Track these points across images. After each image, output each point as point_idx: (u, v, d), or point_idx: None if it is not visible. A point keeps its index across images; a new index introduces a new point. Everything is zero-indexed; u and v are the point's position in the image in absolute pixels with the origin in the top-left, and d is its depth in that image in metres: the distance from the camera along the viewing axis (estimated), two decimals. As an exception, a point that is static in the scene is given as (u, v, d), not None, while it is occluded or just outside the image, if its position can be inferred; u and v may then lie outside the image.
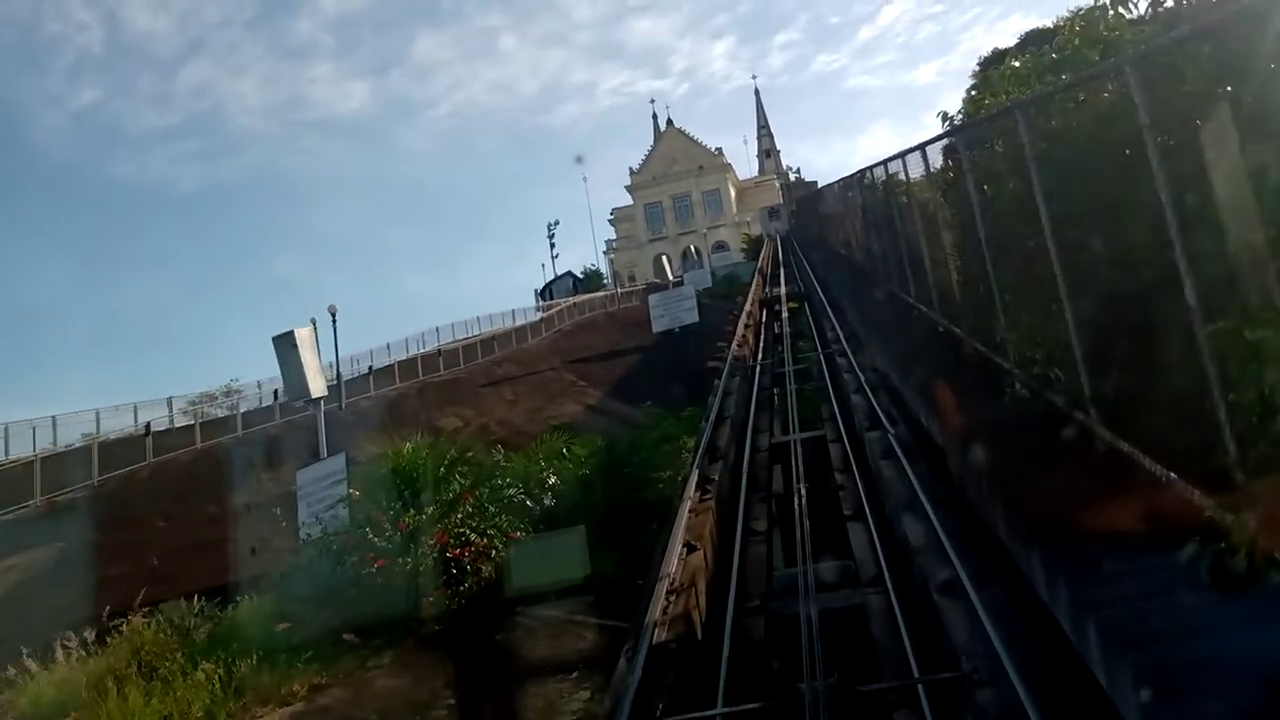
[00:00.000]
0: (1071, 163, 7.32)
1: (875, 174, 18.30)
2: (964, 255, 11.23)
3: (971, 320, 11.58)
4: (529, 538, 15.75)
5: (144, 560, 24.81)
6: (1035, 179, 7.67)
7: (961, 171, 10.41)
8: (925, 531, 8.13)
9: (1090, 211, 7.08)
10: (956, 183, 11.02)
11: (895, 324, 16.49)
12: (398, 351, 53.86)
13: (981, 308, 10.76)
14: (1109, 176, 6.69)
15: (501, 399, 41.96)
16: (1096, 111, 6.99)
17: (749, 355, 22.13)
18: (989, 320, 10.37)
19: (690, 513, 9.94)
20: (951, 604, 6.98)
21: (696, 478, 11.09)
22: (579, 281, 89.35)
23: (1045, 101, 7.91)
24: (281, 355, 20.75)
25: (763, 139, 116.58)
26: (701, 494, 10.73)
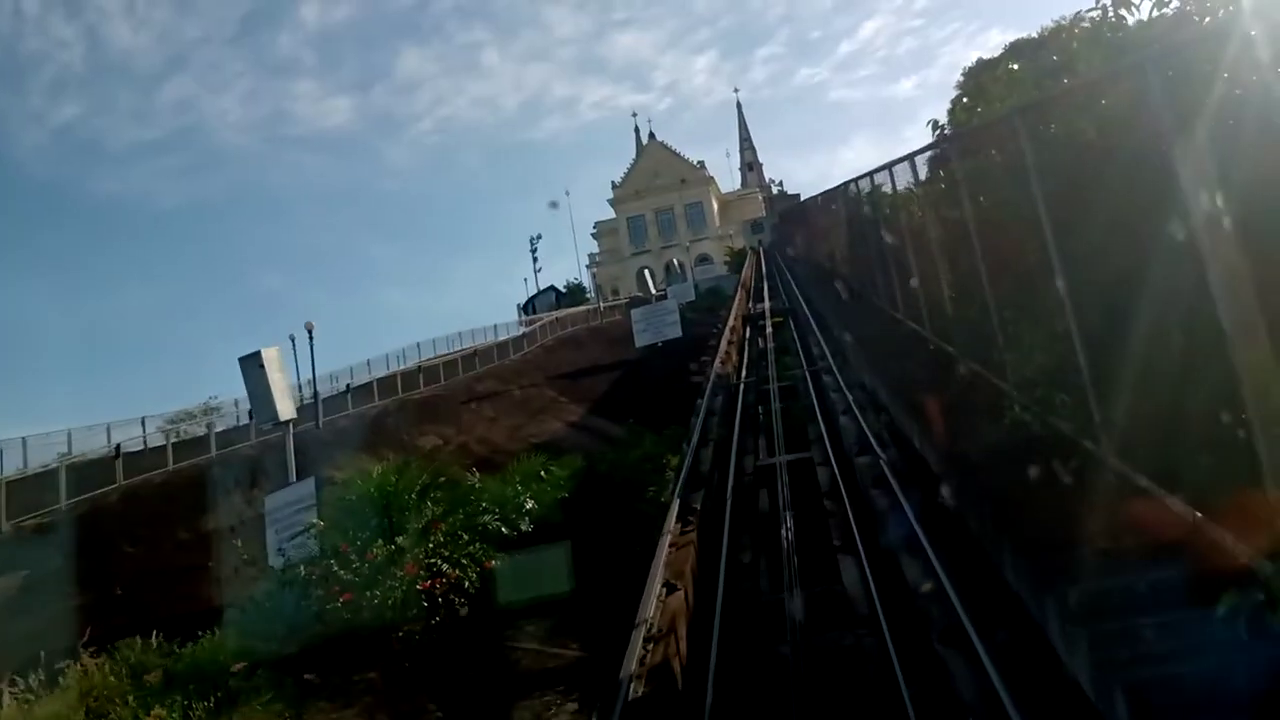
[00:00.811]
0: (1077, 171, 6.75)
1: (861, 186, 17.79)
2: (957, 270, 10.67)
3: (965, 338, 11.02)
4: (513, 555, 15.28)
5: (109, 589, 24.00)
6: (1036, 189, 7.09)
7: (954, 182, 9.85)
8: (923, 568, 7.51)
9: (1099, 223, 6.50)
10: (948, 194, 10.46)
11: (883, 340, 15.94)
12: (378, 368, 53.13)
13: (976, 326, 10.20)
14: (1120, 185, 6.12)
15: (482, 416, 41.24)
16: (1105, 115, 6.42)
17: (733, 372, 21.52)
18: (985, 339, 9.80)
19: (671, 546, 9.29)
20: (956, 654, 6.36)
21: (677, 508, 10.45)
22: (562, 296, 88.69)
23: (1048, 106, 7.34)
24: (248, 376, 19.98)
25: (745, 152, 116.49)
26: (683, 525, 10.08)
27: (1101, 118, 6.46)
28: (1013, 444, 8.02)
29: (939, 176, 10.90)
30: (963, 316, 10.82)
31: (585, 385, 42.96)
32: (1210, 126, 4.83)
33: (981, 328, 9.92)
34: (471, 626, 13.95)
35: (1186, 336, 5.33)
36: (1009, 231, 8.13)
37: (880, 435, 11.93)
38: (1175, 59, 5.47)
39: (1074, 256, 6.94)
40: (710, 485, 12.13)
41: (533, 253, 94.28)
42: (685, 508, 10.62)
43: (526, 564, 16.57)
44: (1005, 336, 9.00)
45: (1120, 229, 6.09)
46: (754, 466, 14.22)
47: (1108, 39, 7.74)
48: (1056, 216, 6.98)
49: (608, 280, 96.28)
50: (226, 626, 16.28)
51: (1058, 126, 7.28)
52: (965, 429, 9.19)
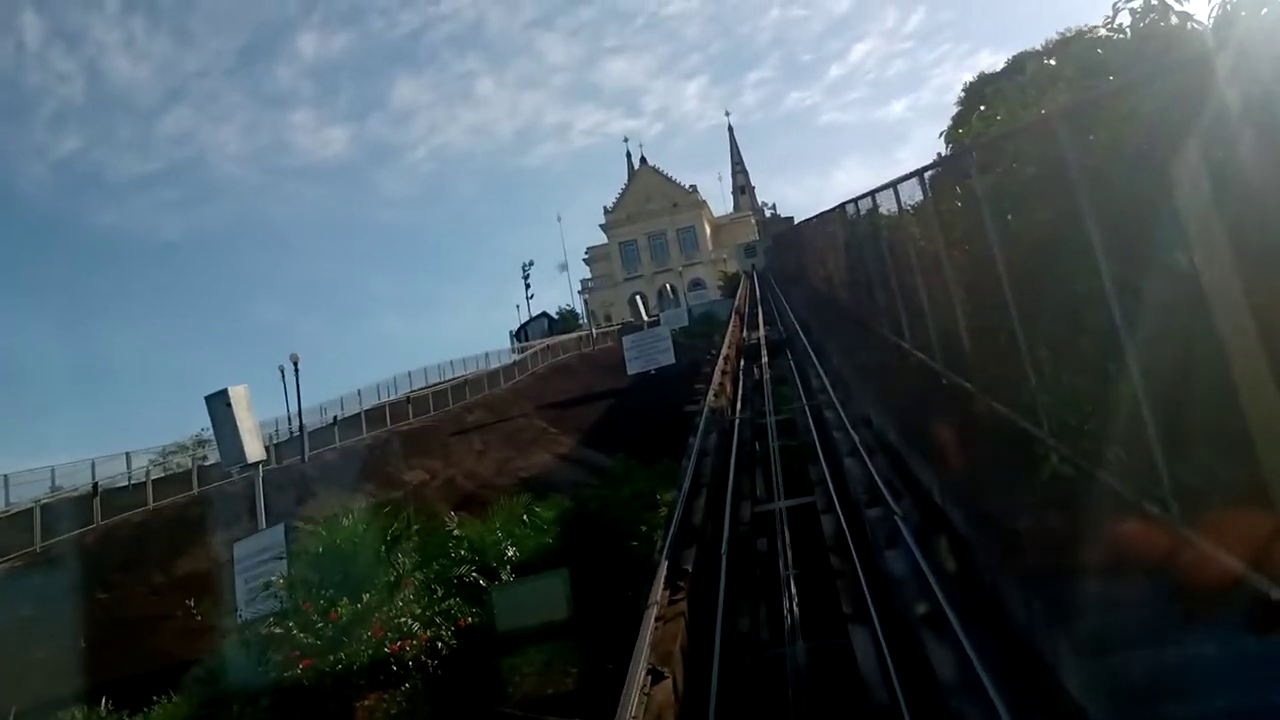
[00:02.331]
0: (1136, 183, 5.61)
1: (861, 205, 16.69)
2: (976, 297, 9.52)
3: (987, 374, 9.86)
4: (510, 583, 14.69)
5: (74, 642, 22.65)
6: (1085, 204, 5.94)
7: (973, 199, 8.71)
8: (956, 660, 6.30)
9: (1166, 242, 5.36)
10: (966, 212, 9.33)
11: (889, 372, 14.77)
12: (369, 398, 51.99)
13: (1001, 360, 9.04)
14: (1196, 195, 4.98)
15: (470, 449, 40.06)
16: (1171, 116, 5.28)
17: (727, 406, 20.31)
18: (1011, 376, 8.64)
19: (658, 620, 8.07)
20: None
21: (665, 571, 9.21)
22: (554, 322, 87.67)
23: (1097, 107, 6.20)
24: (215, 416, 18.84)
25: (737, 175, 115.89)
26: (672, 591, 8.85)
27: (1166, 119, 5.32)
28: (1059, 505, 6.83)
29: (954, 193, 9.77)
30: (984, 350, 9.66)
31: (576, 415, 41.77)
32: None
33: (1008, 364, 8.76)
34: (447, 689, 12.75)
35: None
36: (1045, 254, 6.99)
37: (891, 482, 10.72)
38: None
39: (1130, 285, 5.80)
40: (703, 539, 10.90)
41: (525, 279, 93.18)
42: (675, 569, 9.38)
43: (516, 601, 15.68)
44: (1039, 375, 7.83)
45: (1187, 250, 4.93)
46: (751, 513, 13.00)
47: (1160, 30, 6.63)
48: (1112, 237, 5.83)
49: (601, 305, 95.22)
50: (183, 691, 15.06)
51: (1103, 133, 6.15)
52: (995, 481, 8.01)
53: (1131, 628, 5.01)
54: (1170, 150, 5.21)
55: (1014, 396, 8.78)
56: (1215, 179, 4.80)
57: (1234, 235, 4.66)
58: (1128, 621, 5.07)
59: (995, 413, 9.47)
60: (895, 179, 12.52)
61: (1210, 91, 4.64)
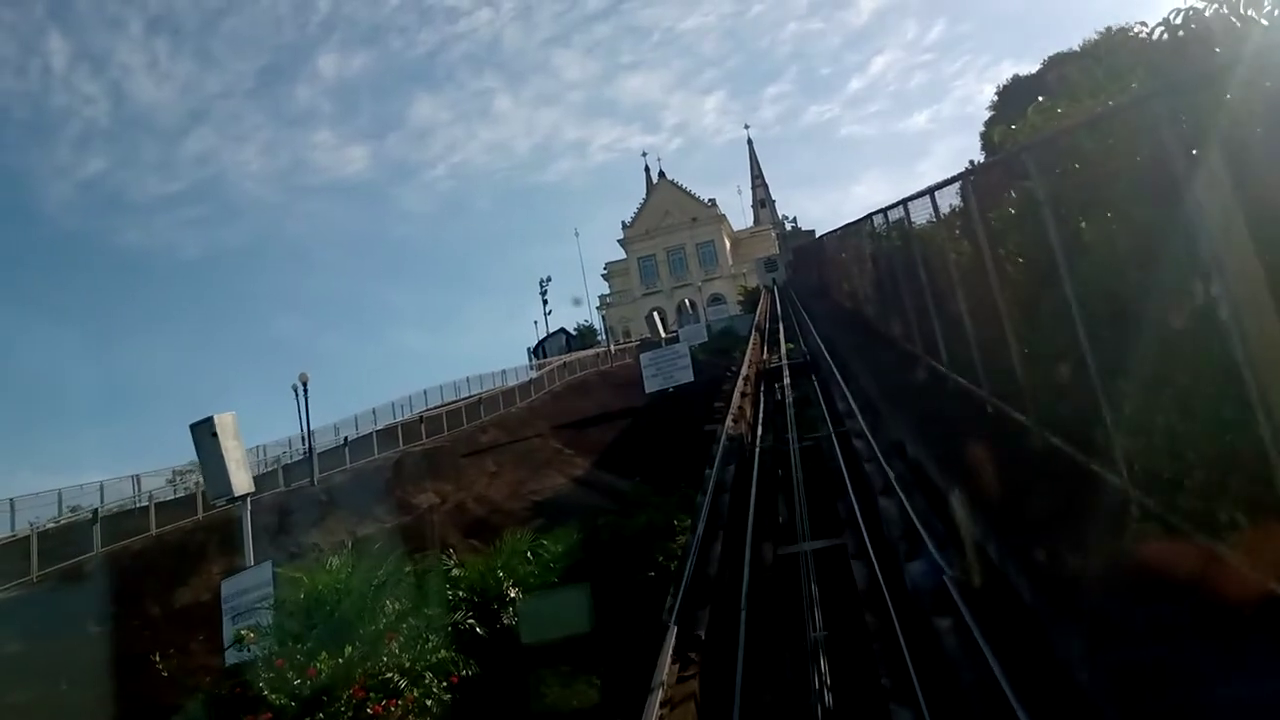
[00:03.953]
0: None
1: (891, 216, 15.38)
2: (1033, 318, 8.18)
3: (1044, 404, 8.53)
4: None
5: (57, 682, 21.55)
6: (1203, 203, 4.62)
7: (1031, 204, 7.39)
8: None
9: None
10: (1020, 220, 8.01)
11: (924, 398, 13.41)
12: (384, 416, 51.10)
13: (1065, 391, 7.73)
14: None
15: (483, 471, 38.82)
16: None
17: (746, 432, 18.95)
18: (1079, 410, 7.32)
19: (664, 706, 6.79)
20: None
21: (674, 639, 7.90)
22: (572, 338, 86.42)
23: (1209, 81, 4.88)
24: (200, 445, 17.67)
25: (757, 189, 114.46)
26: (683, 666, 7.55)
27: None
28: (1156, 574, 5.49)
29: (1005, 199, 8.45)
30: (1042, 379, 8.32)
31: (592, 435, 40.45)
32: None
33: (1074, 396, 7.44)
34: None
35: None
36: (1133, 268, 5.67)
37: (931, 525, 9.39)
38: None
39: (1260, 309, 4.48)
40: (719, 594, 9.58)
41: (543, 295, 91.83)
42: (685, 639, 8.07)
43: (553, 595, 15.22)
44: (1117, 413, 6.50)
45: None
46: (774, 556, 11.67)
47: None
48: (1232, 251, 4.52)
49: (619, 321, 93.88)
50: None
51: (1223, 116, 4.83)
52: (1068, 537, 6.66)
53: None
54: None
55: (1082, 435, 7.47)
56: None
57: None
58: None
59: (1056, 451, 8.14)
60: (932, 185, 11.21)
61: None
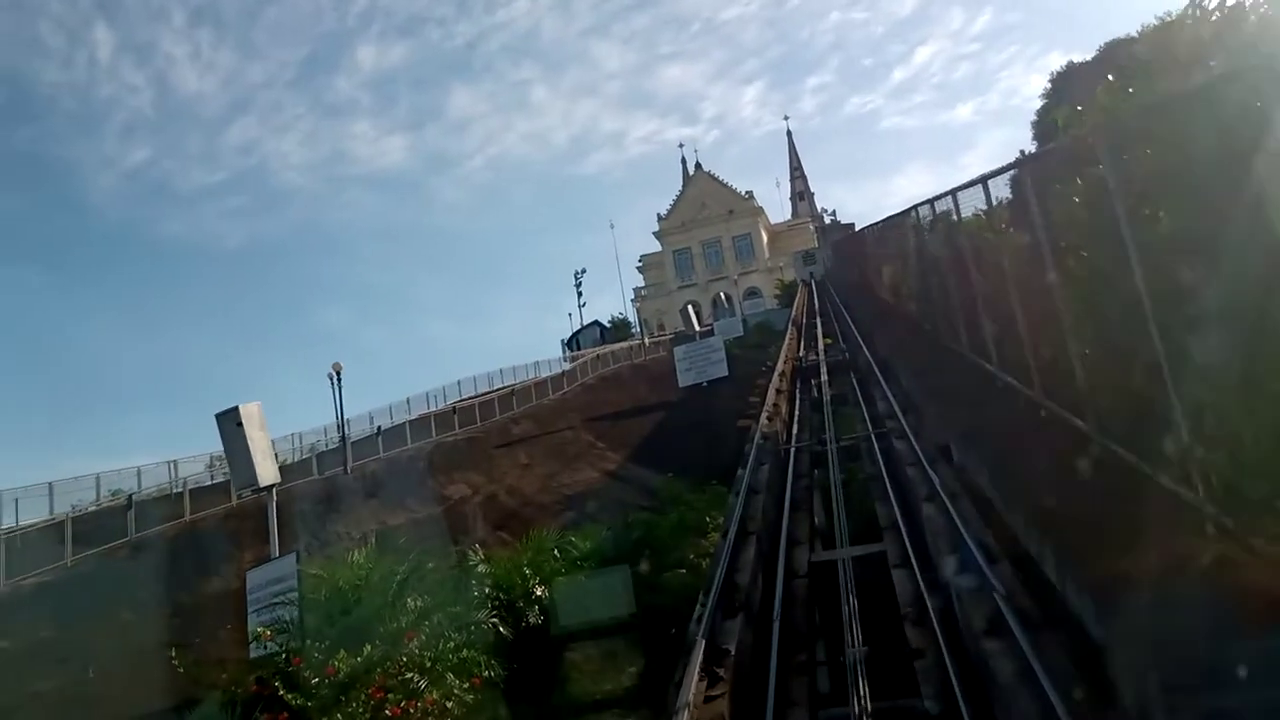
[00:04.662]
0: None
1: (938, 207, 14.72)
2: (1096, 316, 7.57)
3: (1105, 409, 7.92)
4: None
5: (84, 670, 21.46)
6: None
7: (1099, 192, 6.78)
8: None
9: None
10: (1083, 211, 7.40)
11: (970, 398, 12.78)
12: (418, 406, 50.97)
13: (1129, 395, 7.12)
14: None
15: (515, 463, 38.52)
16: None
17: (781, 431, 18.35)
18: (1147, 419, 6.72)
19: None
20: None
21: (702, 652, 7.40)
22: (606, 331, 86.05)
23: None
24: (225, 435, 17.40)
25: (796, 181, 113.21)
26: (710, 684, 7.05)
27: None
28: (1241, 604, 4.90)
29: (1068, 188, 7.82)
30: (1104, 383, 7.70)
31: (625, 429, 39.96)
32: None
33: (1140, 401, 6.84)
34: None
35: None
36: (1224, 262, 5.08)
37: (980, 536, 8.80)
38: None
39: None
40: (750, 604, 9.06)
41: (577, 287, 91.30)
42: (713, 651, 7.56)
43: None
44: (1194, 424, 5.89)
45: None
46: (809, 563, 11.12)
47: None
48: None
49: (653, 314, 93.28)
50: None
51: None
52: (1134, 558, 6.06)
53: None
54: None
55: (1148, 444, 6.86)
56: None
57: None
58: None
59: (1117, 461, 7.53)
60: (985, 174, 10.57)
61: None
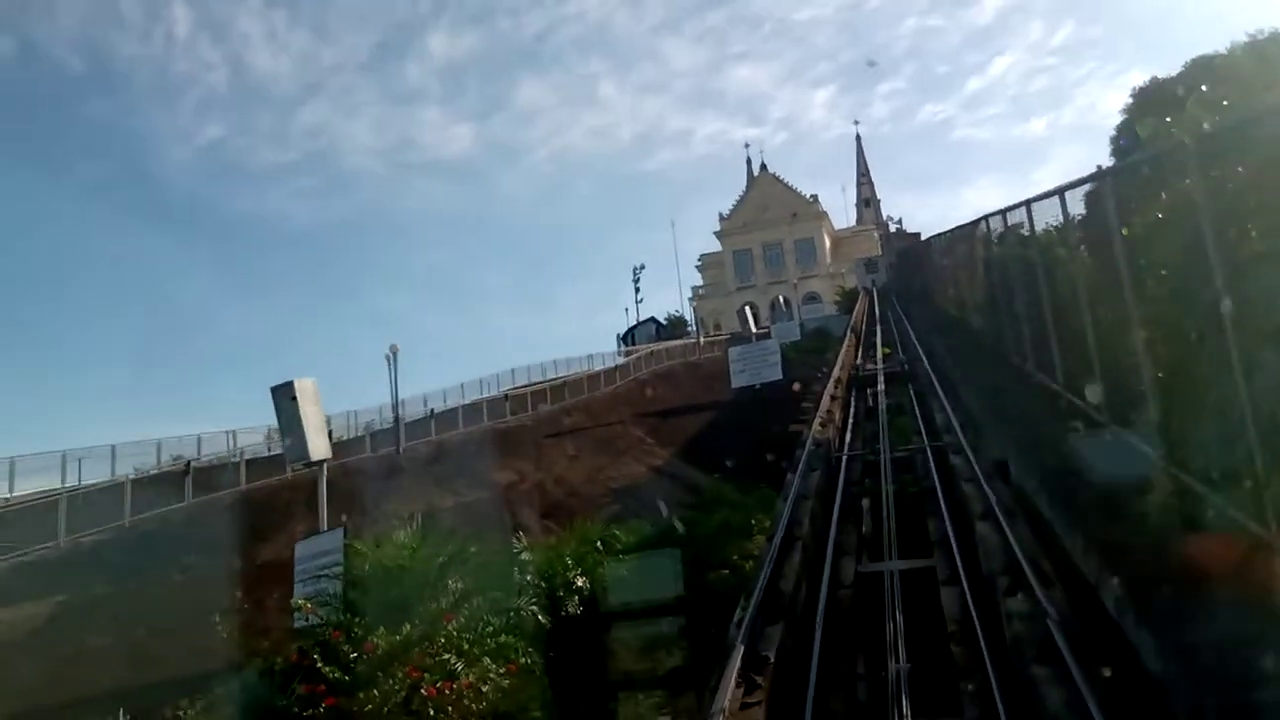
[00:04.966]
0: None
1: (1010, 219, 14.34)
2: (1175, 339, 7.27)
3: (1177, 439, 7.60)
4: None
5: (133, 631, 21.93)
6: None
7: (1186, 209, 6.48)
8: None
9: None
10: (1169, 229, 7.09)
11: (1032, 417, 12.45)
12: (471, 392, 51.75)
13: (1208, 428, 6.81)
14: None
15: (564, 453, 38.71)
16: None
17: (834, 438, 18.09)
18: (1222, 451, 6.42)
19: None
20: None
21: (740, 658, 7.26)
22: (662, 328, 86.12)
23: None
24: (280, 409, 17.57)
25: (862, 188, 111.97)
26: (748, 690, 6.90)
27: None
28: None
29: (1151, 204, 7.49)
30: (1178, 411, 7.39)
31: (674, 426, 39.93)
32: None
33: (1219, 435, 6.54)
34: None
35: None
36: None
37: (1035, 559, 8.51)
38: None
39: None
40: (793, 613, 8.89)
41: (635, 282, 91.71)
42: (751, 658, 7.41)
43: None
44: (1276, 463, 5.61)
45: None
46: (855, 574, 10.91)
47: None
48: None
49: (710, 314, 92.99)
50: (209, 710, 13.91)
51: None
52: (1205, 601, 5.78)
53: None
54: None
55: (1225, 479, 6.56)
56: None
57: None
58: None
59: (1189, 494, 7.23)
60: (1062, 185, 10.23)
61: None
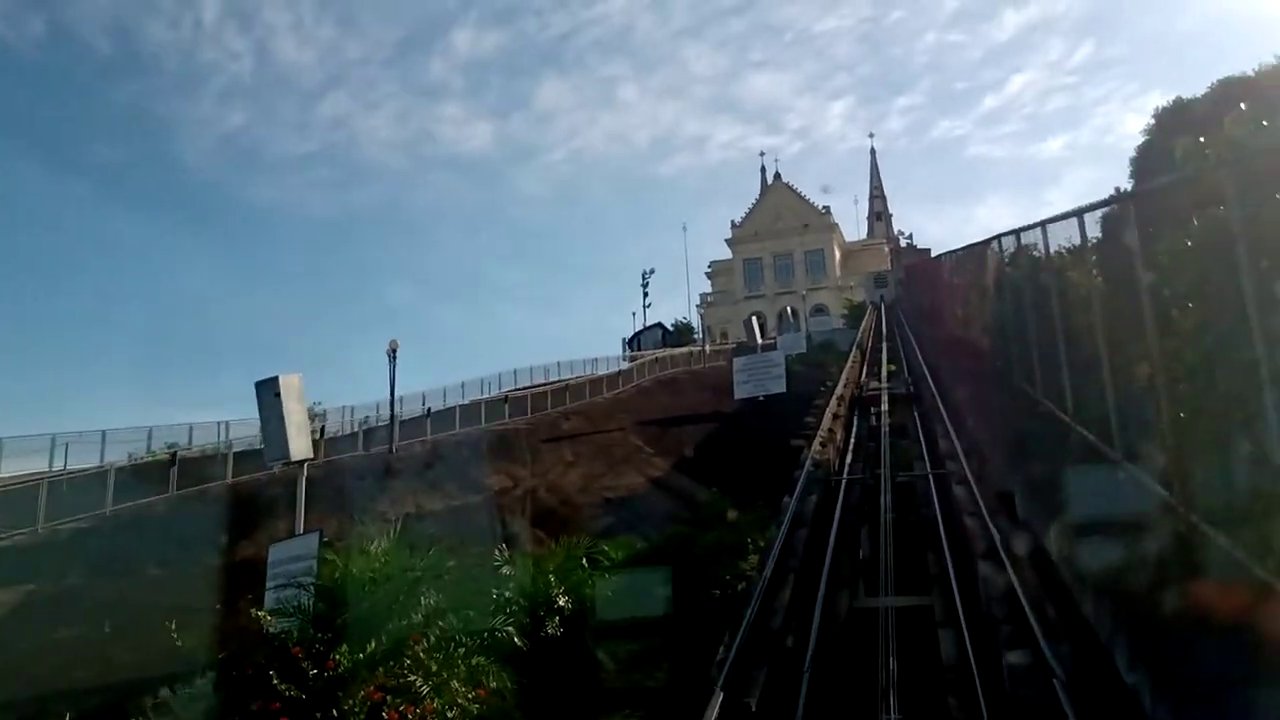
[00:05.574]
0: None
1: (1024, 239, 13.69)
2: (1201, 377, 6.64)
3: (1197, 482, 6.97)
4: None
5: (101, 622, 21.35)
6: None
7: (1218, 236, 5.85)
8: None
9: None
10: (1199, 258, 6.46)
11: (1043, 449, 11.79)
12: (472, 391, 51.03)
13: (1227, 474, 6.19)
14: None
15: (560, 459, 38.07)
16: None
17: (834, 459, 17.47)
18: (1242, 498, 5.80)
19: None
20: None
21: (719, 705, 6.63)
22: (668, 334, 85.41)
23: None
24: (263, 404, 16.97)
25: (875, 201, 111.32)
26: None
27: None
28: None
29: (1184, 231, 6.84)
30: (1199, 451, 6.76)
31: (675, 436, 39.25)
32: None
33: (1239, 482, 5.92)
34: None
35: None
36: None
37: (1041, 608, 7.89)
38: None
39: None
40: (781, 652, 8.27)
41: (644, 287, 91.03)
42: (733, 706, 6.78)
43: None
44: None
45: None
46: (849, 609, 10.29)
47: None
48: None
49: (718, 322, 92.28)
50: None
51: None
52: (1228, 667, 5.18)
53: None
54: None
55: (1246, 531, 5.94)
56: None
57: None
58: None
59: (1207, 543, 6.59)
60: (1083, 206, 9.58)
61: None
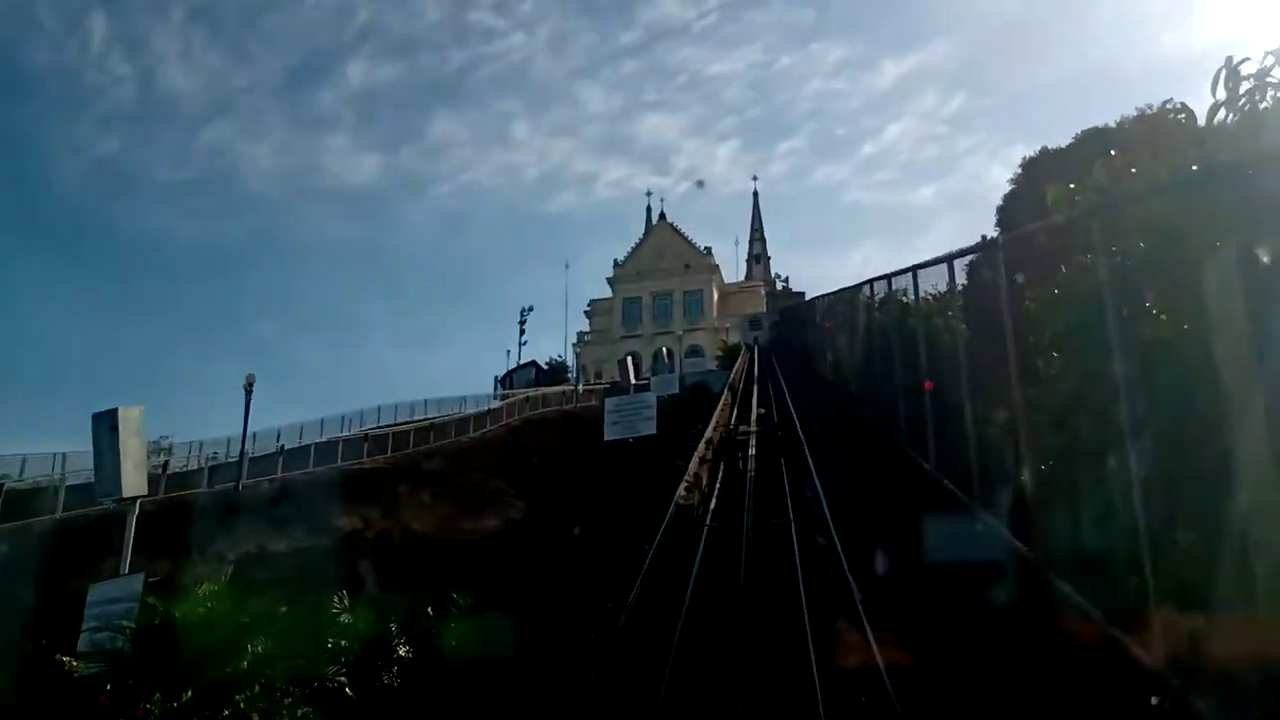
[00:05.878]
0: None
1: (895, 284, 13.65)
2: (1064, 427, 6.41)
3: (1057, 539, 6.74)
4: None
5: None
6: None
7: (1087, 284, 5.62)
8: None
9: None
10: (1065, 306, 6.24)
11: (905, 500, 11.61)
12: (331, 428, 48.56)
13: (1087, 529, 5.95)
14: None
15: (418, 501, 36.74)
16: None
17: (698, 504, 17.06)
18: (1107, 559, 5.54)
19: None
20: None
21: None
22: (543, 373, 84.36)
23: None
24: (98, 437, 15.50)
25: (754, 244, 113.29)
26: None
27: None
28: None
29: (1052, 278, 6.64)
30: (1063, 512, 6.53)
31: (539, 478, 38.39)
32: None
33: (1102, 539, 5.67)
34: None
35: None
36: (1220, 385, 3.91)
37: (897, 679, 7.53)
38: None
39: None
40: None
41: (521, 324, 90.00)
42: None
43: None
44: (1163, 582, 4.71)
45: None
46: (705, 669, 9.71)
47: None
48: None
49: (594, 361, 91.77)
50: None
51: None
52: None
53: None
54: None
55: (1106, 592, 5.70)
56: None
57: None
58: None
59: (1068, 604, 6.35)
60: (953, 252, 9.45)
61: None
